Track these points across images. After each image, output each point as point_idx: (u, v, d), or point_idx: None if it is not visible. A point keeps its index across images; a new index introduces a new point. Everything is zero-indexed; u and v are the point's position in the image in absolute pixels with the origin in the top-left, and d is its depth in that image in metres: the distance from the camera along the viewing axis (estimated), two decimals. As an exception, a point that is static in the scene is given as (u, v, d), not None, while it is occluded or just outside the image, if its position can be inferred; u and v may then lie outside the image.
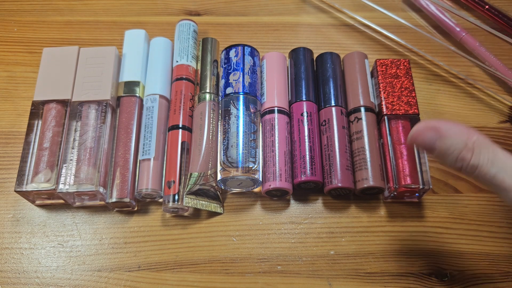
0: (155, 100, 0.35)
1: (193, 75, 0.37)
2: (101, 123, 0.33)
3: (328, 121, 0.34)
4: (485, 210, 0.34)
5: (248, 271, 0.31)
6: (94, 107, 0.34)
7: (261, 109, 0.35)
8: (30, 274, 0.32)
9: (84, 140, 0.33)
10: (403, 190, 0.32)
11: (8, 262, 0.32)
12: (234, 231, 0.33)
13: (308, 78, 0.36)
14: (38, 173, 0.32)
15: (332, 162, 0.33)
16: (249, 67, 0.35)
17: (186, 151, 0.33)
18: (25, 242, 0.33)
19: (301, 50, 0.37)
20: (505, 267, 0.32)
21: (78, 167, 0.32)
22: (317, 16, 0.43)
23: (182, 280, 0.31)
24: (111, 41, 0.41)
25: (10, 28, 0.42)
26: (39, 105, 0.34)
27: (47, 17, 0.42)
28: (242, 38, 0.41)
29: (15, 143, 0.36)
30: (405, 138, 0.33)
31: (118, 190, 0.32)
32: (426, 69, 0.40)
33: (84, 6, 0.43)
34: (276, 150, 0.33)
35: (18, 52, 0.40)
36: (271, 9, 0.43)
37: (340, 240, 0.33)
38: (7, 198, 0.34)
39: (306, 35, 0.42)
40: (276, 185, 0.32)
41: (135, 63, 0.36)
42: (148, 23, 0.42)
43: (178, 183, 0.32)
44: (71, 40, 0.41)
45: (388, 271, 0.32)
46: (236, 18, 0.43)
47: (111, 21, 0.42)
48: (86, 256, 0.32)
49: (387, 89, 0.35)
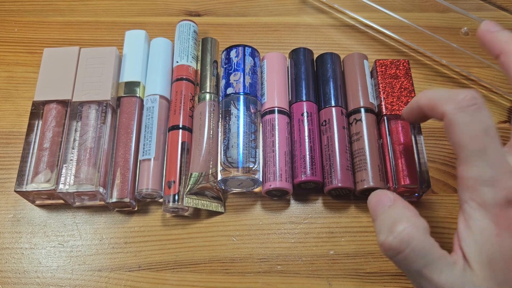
0: (155, 100, 0.35)
1: (193, 75, 0.37)
2: (101, 123, 0.33)
3: (328, 121, 0.34)
4: (484, 210, 0.34)
5: (248, 271, 0.32)
6: (95, 108, 0.34)
7: (262, 109, 0.35)
8: (31, 274, 0.32)
9: (84, 140, 0.33)
10: (403, 190, 0.32)
11: (9, 262, 0.32)
12: (234, 231, 0.33)
13: (308, 79, 0.36)
14: (38, 173, 0.32)
15: (332, 162, 0.33)
16: (249, 67, 0.35)
17: (186, 151, 0.33)
18: (25, 242, 0.33)
19: (301, 51, 0.37)
20: (504, 267, 0.32)
21: (78, 167, 0.32)
22: (317, 17, 0.43)
23: (182, 280, 0.31)
24: (112, 42, 0.41)
25: (10, 28, 0.42)
26: (40, 105, 0.34)
27: (48, 18, 0.43)
28: (242, 39, 0.41)
29: (15, 143, 0.36)
30: (404, 139, 0.33)
31: (118, 190, 0.32)
32: (426, 69, 0.40)
33: (85, 6, 0.43)
34: (276, 150, 0.33)
35: (18, 52, 0.41)
36: (271, 9, 0.43)
37: (340, 240, 0.33)
38: (7, 198, 0.34)
39: (306, 35, 0.42)
40: (276, 185, 0.32)
41: (135, 63, 0.37)
42: (148, 24, 0.42)
43: (178, 183, 0.32)
44: (72, 40, 0.41)
45: (387, 271, 0.32)
46: (236, 18, 0.43)
47: (112, 22, 0.42)
48: (87, 256, 0.32)
49: (386, 90, 0.35)
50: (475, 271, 0.21)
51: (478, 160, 0.22)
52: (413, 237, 0.21)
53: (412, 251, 0.21)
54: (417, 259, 0.21)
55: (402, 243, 0.21)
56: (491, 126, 0.22)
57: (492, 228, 0.21)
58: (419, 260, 0.21)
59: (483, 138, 0.22)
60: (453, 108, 0.22)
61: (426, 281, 0.21)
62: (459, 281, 0.21)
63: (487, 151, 0.21)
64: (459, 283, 0.21)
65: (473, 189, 0.22)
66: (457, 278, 0.21)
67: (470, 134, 0.22)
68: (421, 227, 0.22)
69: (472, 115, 0.22)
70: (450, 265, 0.21)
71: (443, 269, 0.21)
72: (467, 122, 0.22)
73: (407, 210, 0.23)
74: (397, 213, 0.23)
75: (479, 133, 0.22)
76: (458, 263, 0.22)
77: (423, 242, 0.22)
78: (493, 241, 0.21)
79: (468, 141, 0.22)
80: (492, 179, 0.21)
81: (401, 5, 0.43)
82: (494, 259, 0.21)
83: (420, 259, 0.21)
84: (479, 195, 0.22)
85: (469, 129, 0.22)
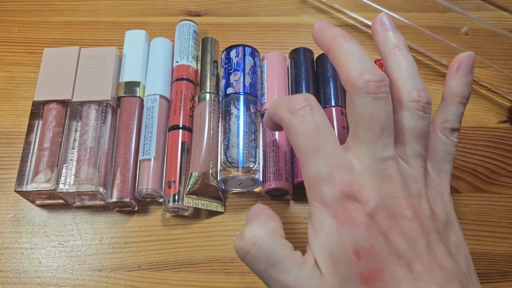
0: (155, 100, 0.35)
1: (193, 75, 0.37)
2: (101, 123, 0.33)
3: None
4: (484, 210, 0.34)
5: (248, 271, 0.31)
6: (95, 107, 0.34)
7: (262, 109, 0.35)
8: (31, 274, 0.32)
9: (85, 140, 0.33)
10: (403, 190, 0.32)
11: (9, 262, 0.32)
12: (234, 231, 0.33)
13: (308, 79, 0.36)
14: (38, 173, 0.32)
15: (332, 162, 0.33)
16: (249, 67, 0.35)
17: (186, 151, 0.33)
18: (25, 242, 0.33)
19: (301, 51, 0.37)
20: (504, 267, 0.32)
21: (78, 167, 0.32)
22: (317, 17, 0.43)
23: (182, 279, 0.31)
24: (112, 42, 0.41)
25: (10, 28, 0.42)
26: (40, 105, 0.34)
27: (48, 18, 0.43)
28: (242, 39, 0.41)
29: (15, 143, 0.36)
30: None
31: (119, 190, 0.32)
32: (426, 69, 0.40)
33: (85, 6, 0.43)
34: (277, 150, 0.33)
35: (18, 52, 0.41)
36: (271, 9, 0.43)
37: (340, 240, 0.33)
38: (7, 198, 0.34)
39: (306, 35, 0.42)
40: (276, 185, 0.32)
41: (135, 63, 0.37)
42: (148, 24, 0.42)
43: (178, 183, 0.32)
44: (72, 40, 0.41)
45: (387, 271, 0.32)
46: (236, 18, 0.43)
47: (112, 22, 0.42)
48: (87, 256, 0.32)
49: (386, 90, 0.35)
50: (322, 269, 0.21)
51: (313, 158, 0.22)
52: (259, 237, 0.22)
53: (258, 250, 0.22)
54: (264, 258, 0.22)
55: (248, 244, 0.22)
56: (323, 124, 0.22)
57: (332, 224, 0.21)
58: (266, 259, 0.22)
59: (315, 137, 0.22)
60: (287, 112, 0.23)
61: (273, 280, 0.22)
62: (305, 281, 0.21)
63: (320, 149, 0.22)
64: (305, 282, 0.21)
65: (313, 188, 0.22)
66: (304, 278, 0.21)
67: (302, 134, 0.22)
68: (271, 229, 0.23)
69: (303, 116, 0.22)
70: (299, 264, 0.22)
71: (290, 269, 0.22)
72: (298, 124, 0.23)
73: (263, 215, 0.24)
74: (253, 219, 0.24)
75: (311, 132, 0.22)
76: (308, 263, 0.22)
77: (270, 243, 0.22)
78: (334, 236, 0.21)
79: (302, 142, 0.22)
80: (328, 175, 0.22)
81: (401, 5, 0.43)
82: (336, 255, 0.21)
83: (266, 259, 0.22)
84: (318, 193, 0.22)
85: (301, 130, 0.22)
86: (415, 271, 0.20)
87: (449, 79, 0.26)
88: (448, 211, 0.23)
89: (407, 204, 0.21)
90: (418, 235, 0.21)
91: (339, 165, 0.22)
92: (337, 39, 0.24)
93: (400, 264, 0.20)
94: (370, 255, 0.20)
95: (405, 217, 0.21)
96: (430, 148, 0.25)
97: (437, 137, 0.25)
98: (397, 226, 0.21)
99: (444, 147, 0.25)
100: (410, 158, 0.23)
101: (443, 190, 0.24)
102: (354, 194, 0.21)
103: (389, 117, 0.22)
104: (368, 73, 0.22)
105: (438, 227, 0.22)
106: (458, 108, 0.25)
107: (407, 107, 0.23)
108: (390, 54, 0.25)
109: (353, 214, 0.21)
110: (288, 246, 0.23)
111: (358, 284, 0.20)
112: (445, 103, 0.25)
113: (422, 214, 0.22)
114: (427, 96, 0.23)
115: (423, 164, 0.23)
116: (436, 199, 0.23)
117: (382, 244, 0.21)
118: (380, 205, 0.21)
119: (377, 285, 0.20)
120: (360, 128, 0.22)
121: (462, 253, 0.23)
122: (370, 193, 0.21)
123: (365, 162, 0.22)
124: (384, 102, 0.22)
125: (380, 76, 0.22)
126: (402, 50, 0.25)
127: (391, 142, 0.22)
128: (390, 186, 0.22)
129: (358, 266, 0.21)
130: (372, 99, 0.22)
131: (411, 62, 0.24)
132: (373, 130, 0.22)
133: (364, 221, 0.21)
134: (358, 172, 0.22)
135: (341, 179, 0.21)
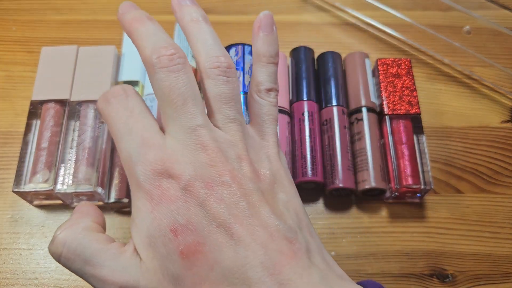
0: (154, 99, 0.34)
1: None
2: (99, 123, 0.33)
3: (329, 120, 0.34)
4: (486, 210, 0.34)
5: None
6: (93, 107, 0.34)
7: (261, 108, 0.35)
8: (29, 275, 0.31)
9: (83, 140, 0.32)
10: (405, 191, 0.32)
11: (7, 263, 0.32)
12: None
13: (309, 78, 0.36)
14: (36, 173, 0.31)
15: (334, 162, 0.32)
16: (249, 66, 0.35)
17: (185, 151, 0.33)
18: (23, 242, 0.32)
19: (302, 49, 0.37)
20: (506, 268, 0.32)
21: (76, 167, 0.31)
22: (318, 15, 0.43)
23: (182, 281, 0.31)
24: (110, 40, 0.40)
25: (8, 27, 0.42)
26: (38, 104, 0.34)
27: (46, 16, 0.42)
28: (242, 37, 0.41)
29: (13, 143, 0.36)
30: (406, 138, 0.33)
31: (117, 190, 0.32)
32: (428, 68, 0.40)
33: (83, 5, 0.43)
34: (277, 150, 0.33)
35: (16, 51, 0.40)
36: (271, 8, 0.43)
37: (341, 240, 0.32)
38: (5, 199, 0.34)
39: (307, 34, 0.42)
40: (276, 186, 0.32)
41: (134, 62, 0.36)
42: (147, 22, 0.42)
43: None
44: (70, 39, 0.41)
45: (389, 272, 0.31)
46: (236, 16, 0.42)
47: (110, 20, 0.42)
48: (85, 257, 0.32)
49: (388, 89, 0.35)
50: (141, 255, 0.21)
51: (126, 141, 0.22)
52: (67, 237, 0.22)
53: (68, 251, 0.21)
54: (76, 257, 0.21)
55: (58, 246, 0.22)
56: (137, 107, 0.22)
57: (146, 206, 0.21)
58: (79, 258, 0.21)
59: (128, 120, 0.22)
60: (104, 102, 0.23)
61: (92, 277, 0.21)
62: (122, 271, 0.21)
63: (132, 130, 0.22)
64: (121, 272, 0.21)
65: (128, 172, 0.22)
66: (120, 268, 0.21)
67: (117, 120, 0.22)
68: (80, 226, 0.22)
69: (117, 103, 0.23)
70: (115, 256, 0.21)
71: (104, 262, 0.21)
72: (112, 111, 0.23)
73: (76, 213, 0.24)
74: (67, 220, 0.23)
75: (125, 117, 0.22)
76: (127, 252, 0.21)
77: (81, 240, 0.22)
78: (150, 218, 0.21)
79: (116, 127, 0.22)
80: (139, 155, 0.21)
81: (403, 4, 0.42)
82: (153, 237, 0.21)
83: (79, 257, 0.21)
84: (133, 176, 0.21)
85: (115, 116, 0.22)
86: (235, 236, 0.20)
87: (253, 42, 0.25)
88: (276, 171, 0.23)
89: (224, 170, 0.21)
90: (238, 198, 0.21)
91: (150, 143, 0.21)
92: (133, 23, 0.24)
93: (220, 231, 0.20)
94: (187, 229, 0.20)
95: (222, 183, 0.21)
96: (252, 113, 0.25)
97: (254, 101, 0.25)
98: (214, 194, 0.20)
99: (263, 109, 0.24)
100: (224, 124, 0.23)
101: (270, 151, 0.24)
102: (167, 171, 0.21)
103: (190, 87, 0.22)
104: (159, 48, 0.22)
105: (263, 187, 0.22)
106: (267, 68, 0.25)
107: (210, 75, 0.23)
108: (188, 28, 0.25)
109: (168, 191, 0.21)
110: (104, 240, 0.22)
111: (178, 261, 0.20)
112: (255, 67, 0.25)
113: (242, 178, 0.21)
114: (228, 61, 0.23)
115: (239, 128, 0.23)
116: (263, 161, 0.23)
117: (200, 216, 0.20)
118: (195, 176, 0.21)
119: (198, 257, 0.20)
120: (165, 104, 0.22)
121: (291, 209, 0.22)
122: (183, 167, 0.21)
123: (176, 136, 0.22)
124: (180, 73, 0.22)
125: (172, 49, 0.22)
126: (199, 23, 0.24)
127: (199, 110, 0.22)
128: (204, 155, 0.21)
129: (177, 243, 0.20)
130: (167, 72, 0.22)
131: (209, 33, 0.24)
132: (176, 103, 0.22)
133: (179, 196, 0.20)
134: (171, 147, 0.21)
135: (153, 158, 0.21)
